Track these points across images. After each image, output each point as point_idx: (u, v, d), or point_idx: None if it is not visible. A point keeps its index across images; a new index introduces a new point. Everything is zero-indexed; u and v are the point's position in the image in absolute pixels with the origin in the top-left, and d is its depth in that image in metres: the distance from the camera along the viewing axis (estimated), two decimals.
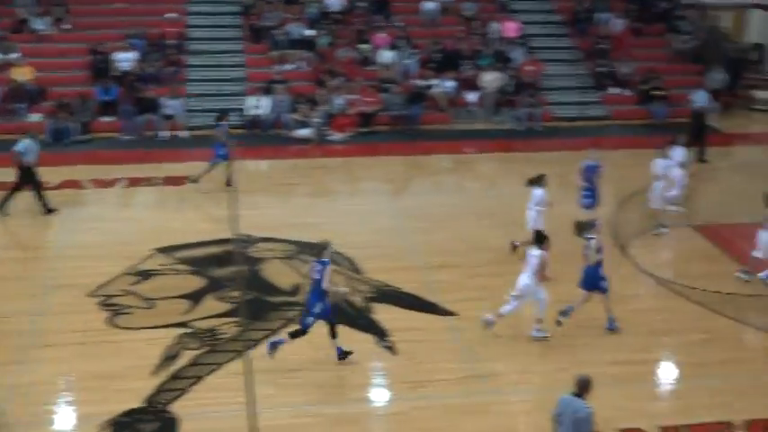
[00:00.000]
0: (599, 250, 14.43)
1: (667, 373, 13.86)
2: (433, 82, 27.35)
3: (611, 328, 14.54)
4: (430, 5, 30.54)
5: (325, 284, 13.17)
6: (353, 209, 20.41)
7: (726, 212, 19.80)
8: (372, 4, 30.45)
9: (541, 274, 14.10)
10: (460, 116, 27.17)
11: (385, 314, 15.10)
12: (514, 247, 17.37)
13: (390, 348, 14.05)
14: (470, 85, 27.53)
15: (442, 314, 15.14)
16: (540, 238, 14.29)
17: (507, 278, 16.23)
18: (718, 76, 28.08)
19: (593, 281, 14.44)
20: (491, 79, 27.27)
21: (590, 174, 18.53)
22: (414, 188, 22.63)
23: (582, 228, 16.12)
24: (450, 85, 27.36)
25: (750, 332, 14.68)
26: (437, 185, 23.01)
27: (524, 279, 14.11)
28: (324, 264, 13.25)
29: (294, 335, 13.42)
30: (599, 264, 14.44)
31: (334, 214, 19.81)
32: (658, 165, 18.72)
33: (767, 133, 26.75)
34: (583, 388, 9.99)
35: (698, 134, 23.12)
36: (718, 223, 19.24)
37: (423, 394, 12.84)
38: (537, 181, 17.35)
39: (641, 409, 12.43)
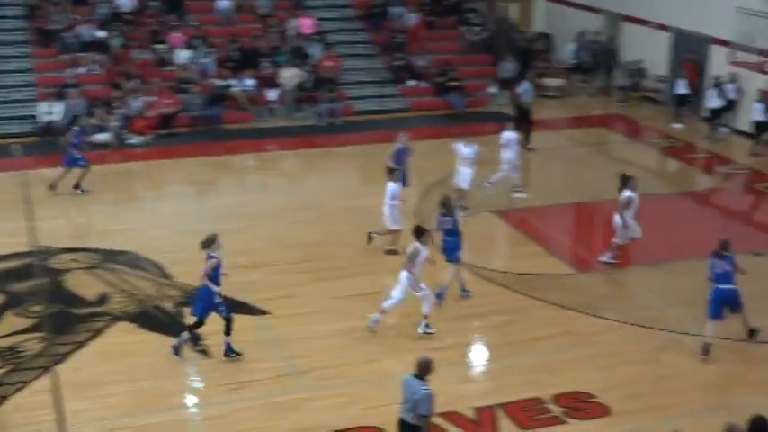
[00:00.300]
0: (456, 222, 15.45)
1: (478, 355, 14.30)
2: (232, 81, 27.11)
3: (440, 296, 15.13)
4: (224, 4, 30.23)
5: (202, 275, 13.39)
6: (158, 213, 20.02)
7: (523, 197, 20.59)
8: (165, 3, 29.88)
9: (408, 265, 14.24)
10: (262, 114, 27.08)
11: None
12: (370, 238, 17.58)
13: (205, 352, 13.86)
14: (270, 82, 27.46)
15: (256, 313, 15.08)
16: (419, 232, 14.43)
17: (318, 274, 16.47)
18: (509, 66, 29.14)
19: (454, 251, 15.38)
20: (290, 76, 27.27)
21: (400, 157, 18.82)
22: (219, 189, 22.37)
23: (445, 205, 16.34)
24: (249, 83, 27.20)
25: (552, 309, 15.25)
26: (242, 185, 22.86)
27: (403, 273, 14.29)
28: (211, 258, 13.36)
29: (227, 330, 13.59)
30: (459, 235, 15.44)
31: (139, 219, 19.38)
32: (463, 151, 19.19)
33: (559, 119, 27.88)
34: (423, 369, 10.26)
35: (524, 123, 23.88)
36: (518, 207, 19.95)
37: (240, 395, 12.75)
38: (390, 175, 17.60)
39: (455, 393, 12.71)
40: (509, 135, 20.44)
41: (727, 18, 24.02)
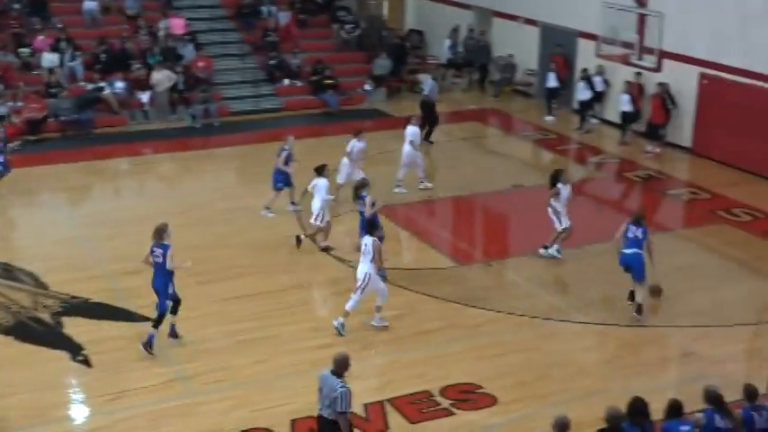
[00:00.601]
0: (373, 205, 15.95)
1: (366, 351, 14.34)
2: (102, 84, 26.50)
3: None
4: (90, 5, 29.50)
5: (168, 265, 13.47)
6: (30, 221, 19.45)
7: (399, 194, 20.73)
8: (28, 5, 29.02)
9: (378, 260, 14.23)
10: (135, 117, 26.58)
11: (76, 327, 14.52)
12: (299, 241, 17.53)
13: (86, 362, 13.54)
14: (142, 84, 26.97)
15: (137, 320, 14.78)
16: (371, 227, 14.57)
17: (200, 277, 16.26)
18: (382, 63, 29.34)
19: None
20: (161, 78, 26.84)
21: (285, 157, 18.89)
22: (93, 194, 21.86)
23: (358, 187, 16.70)
24: (120, 86, 26.65)
25: (437, 303, 15.41)
26: (117, 190, 22.42)
27: (363, 269, 14.25)
28: (164, 247, 13.53)
29: (157, 323, 13.64)
30: (375, 216, 15.91)
31: (10, 228, 18.81)
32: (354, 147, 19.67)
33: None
34: (339, 366, 10.29)
35: (428, 119, 24.04)
36: (399, 203, 20.09)
37: (125, 405, 12.48)
38: (320, 171, 17.61)
39: None
40: (412, 130, 20.60)
41: (594, 12, 24.70)
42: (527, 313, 15.01)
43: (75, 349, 13.86)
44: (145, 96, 26.69)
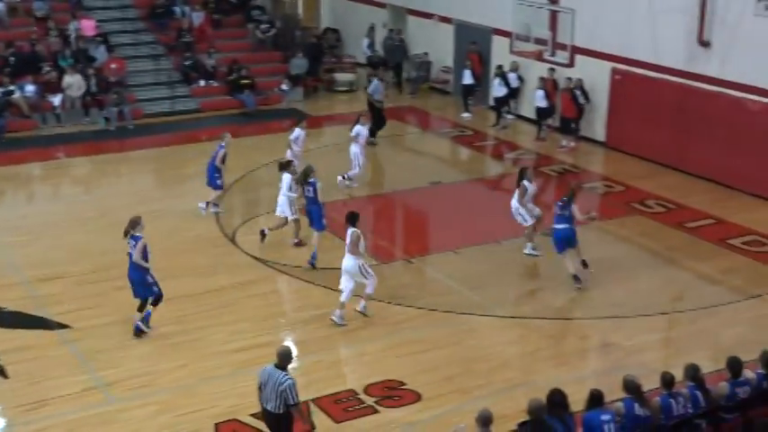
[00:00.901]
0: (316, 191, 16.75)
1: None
2: (12, 87, 25.92)
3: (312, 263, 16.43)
4: None
5: (134, 257, 13.77)
6: None
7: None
8: None
9: (354, 250, 14.41)
10: (47, 120, 26.06)
11: None
12: (263, 235, 17.57)
13: (2, 372, 13.17)
14: (53, 87, 26.44)
15: (54, 328, 14.53)
16: (353, 218, 14.64)
17: (118, 282, 16.01)
18: (299, 63, 29.25)
19: (319, 219, 16.77)
20: (73, 81, 26.35)
21: (222, 155, 18.95)
22: (5, 201, 21.39)
23: (306, 174, 17.01)
24: (30, 89, 26.10)
25: (357, 302, 15.36)
26: (30, 195, 21.98)
27: (349, 260, 14.42)
28: (135, 239, 13.81)
29: (144, 306, 14.08)
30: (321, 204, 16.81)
31: None
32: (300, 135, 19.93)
33: (352, 113, 28.16)
34: (283, 359, 10.37)
35: (374, 119, 24.00)
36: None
37: (44, 414, 12.25)
38: (285, 167, 17.81)
39: None
40: (358, 129, 20.61)
41: (507, 9, 24.97)
42: (448, 309, 15.13)
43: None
44: (56, 99, 26.16)
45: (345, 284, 14.57)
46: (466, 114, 27.10)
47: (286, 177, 17.58)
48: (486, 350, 13.92)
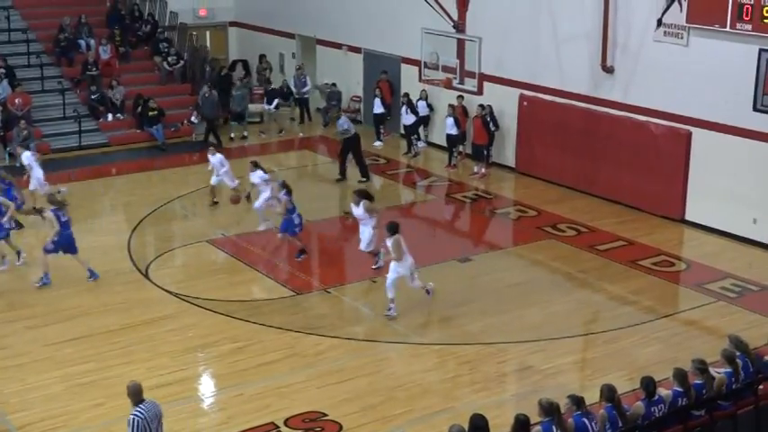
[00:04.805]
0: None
1: (207, 386, 14.12)
2: None
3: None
4: None
5: None
6: None
7: (233, 226, 20.57)
8: None
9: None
10: None
11: None
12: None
13: None
14: None
15: None
16: (395, 228, 15.69)
17: (26, 322, 15.65)
18: (207, 94, 28.99)
19: (289, 225, 18.01)
20: None
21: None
22: None
23: (285, 186, 18.27)
24: None
25: (276, 333, 15.31)
26: None
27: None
28: None
29: None
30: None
31: None
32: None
33: (264, 144, 28.21)
34: (130, 395, 10.28)
35: (356, 154, 23.94)
36: (231, 235, 19.92)
37: None
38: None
39: (189, 428, 12.54)
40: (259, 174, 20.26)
41: (415, 39, 25.19)
42: (367, 338, 15.13)
43: None
44: None
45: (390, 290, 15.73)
46: (378, 143, 27.24)
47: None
48: (405, 378, 13.93)
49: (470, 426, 9.83)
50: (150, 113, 27.78)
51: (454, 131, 24.77)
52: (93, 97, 28.32)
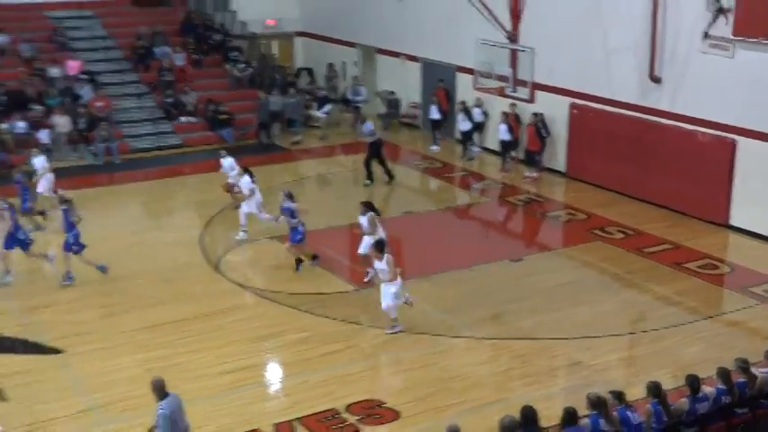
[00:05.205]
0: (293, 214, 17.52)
1: (273, 373, 14.30)
2: (4, 125, 25.83)
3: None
4: None
5: None
6: None
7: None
8: None
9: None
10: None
11: None
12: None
13: (0, 395, 13.12)
14: (42, 124, 26.34)
15: (49, 353, 14.45)
16: (381, 246, 15.33)
17: (108, 309, 15.98)
18: (275, 100, 29.26)
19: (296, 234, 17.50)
20: (60, 122, 26.29)
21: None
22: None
23: (290, 196, 17.81)
24: (20, 125, 26.00)
25: (338, 325, 15.45)
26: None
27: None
28: None
29: None
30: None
31: None
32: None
33: (326, 147, 28.35)
34: (154, 390, 10.43)
35: (379, 157, 23.86)
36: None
37: None
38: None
39: (255, 411, 12.70)
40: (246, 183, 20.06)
41: (470, 48, 25.22)
42: (423, 331, 15.18)
43: None
44: (44, 135, 26.05)
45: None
46: (434, 147, 27.29)
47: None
48: (459, 370, 13.96)
49: (521, 417, 9.86)
50: (220, 117, 28.15)
51: (508, 137, 24.74)
52: (167, 101, 28.75)
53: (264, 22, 34.07)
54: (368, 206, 17.32)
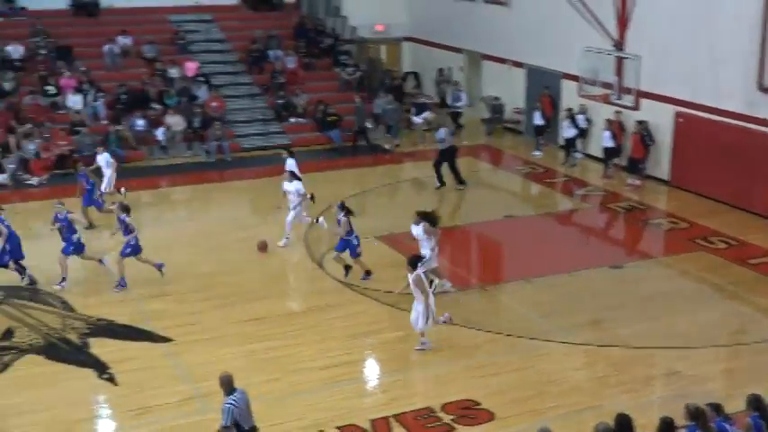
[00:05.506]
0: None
1: (371, 370, 14.28)
2: (124, 122, 26.63)
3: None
4: (111, 49, 29.63)
5: None
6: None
7: (400, 224, 20.66)
8: (53, 50, 29.10)
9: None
10: (154, 153, 26.61)
11: (102, 348, 14.49)
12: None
13: (111, 380, 13.50)
14: (159, 122, 27.01)
15: (159, 341, 14.75)
16: (416, 261, 14.35)
17: (216, 301, 16.24)
18: (381, 103, 29.35)
19: (347, 246, 16.85)
20: (173, 120, 26.90)
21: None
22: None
23: (344, 207, 17.08)
24: (140, 123, 26.72)
25: (435, 325, 15.32)
26: (139, 219, 22.29)
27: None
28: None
29: None
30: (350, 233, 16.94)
31: (42, 255, 18.58)
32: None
33: (431, 150, 28.17)
34: (222, 385, 10.57)
35: (452, 164, 23.58)
36: (399, 233, 20.00)
37: (148, 420, 12.42)
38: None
39: (352, 407, 12.71)
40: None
41: (576, 55, 24.82)
42: (520, 334, 14.96)
43: (101, 368, 13.82)
44: (160, 133, 26.71)
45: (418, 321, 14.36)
46: (537, 153, 26.94)
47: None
48: (555, 375, 13.70)
49: (616, 424, 9.62)
50: (329, 119, 28.35)
51: (611, 144, 24.26)
52: (279, 102, 29.10)
53: (373, 27, 34.25)
54: (423, 216, 16.51)
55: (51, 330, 15.13)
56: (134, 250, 17.04)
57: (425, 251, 16.21)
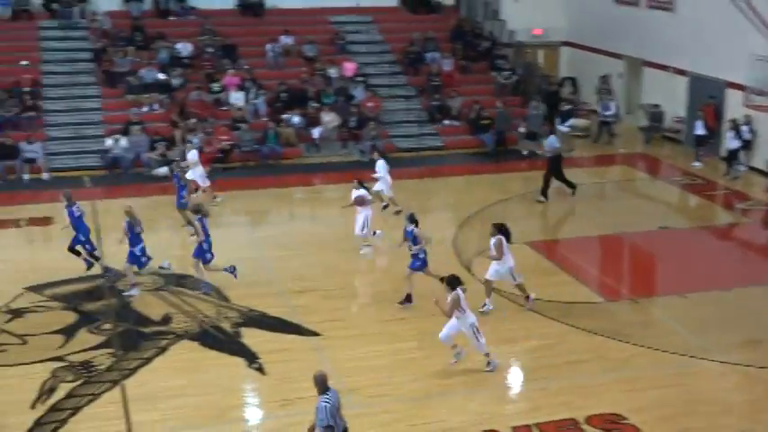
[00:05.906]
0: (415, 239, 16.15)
1: (514, 377, 14.12)
2: (282, 119, 27.32)
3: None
4: (273, 48, 30.47)
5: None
6: (217, 240, 19.95)
7: (550, 230, 20.43)
8: (219, 48, 30.15)
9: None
10: (309, 150, 27.19)
11: (253, 338, 14.91)
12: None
13: (260, 369, 13.87)
14: (315, 121, 27.58)
15: (306, 335, 15.05)
16: (456, 281, 13.73)
17: (362, 299, 16.44)
18: (530, 108, 28.97)
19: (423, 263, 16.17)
20: (330, 119, 27.39)
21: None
22: (271, 219, 22.42)
23: (413, 219, 16.46)
24: (297, 120, 27.35)
25: (583, 335, 15.07)
26: (292, 215, 22.91)
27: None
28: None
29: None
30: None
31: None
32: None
33: (586, 158, 27.72)
34: (316, 384, 10.54)
35: (558, 172, 23.08)
36: (548, 239, 19.78)
37: (294, 411, 12.65)
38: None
39: (494, 412, 12.64)
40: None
41: (742, 64, 23.87)
42: (672, 350, 14.49)
43: (251, 357, 14.21)
44: (316, 132, 27.26)
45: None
46: (696, 164, 26.03)
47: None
48: (707, 394, 13.22)
49: None
50: (483, 122, 28.24)
51: None
52: (434, 104, 29.20)
53: (531, 32, 33.89)
54: (499, 229, 15.86)
55: (206, 318, 15.68)
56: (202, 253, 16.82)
57: (493, 265, 15.83)
